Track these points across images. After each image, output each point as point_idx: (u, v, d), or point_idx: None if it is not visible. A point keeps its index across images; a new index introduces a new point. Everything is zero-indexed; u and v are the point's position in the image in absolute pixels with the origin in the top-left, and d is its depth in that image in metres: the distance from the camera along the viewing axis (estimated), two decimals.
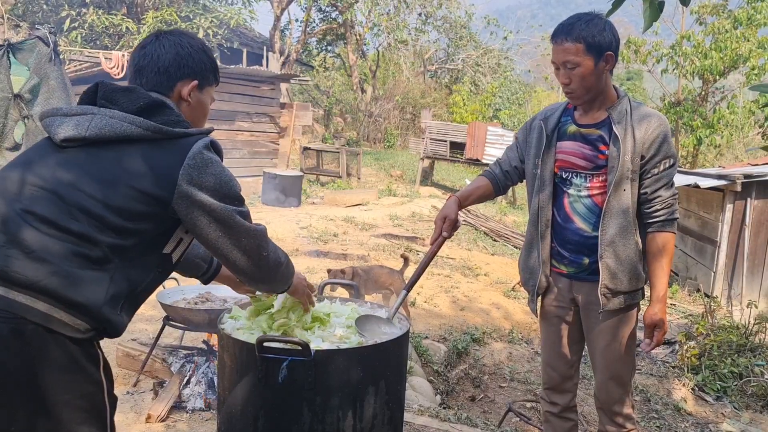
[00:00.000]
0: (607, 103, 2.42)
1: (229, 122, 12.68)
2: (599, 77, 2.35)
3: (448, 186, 18.52)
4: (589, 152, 2.43)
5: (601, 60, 2.32)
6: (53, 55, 5.26)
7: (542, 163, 2.52)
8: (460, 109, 24.15)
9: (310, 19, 23.26)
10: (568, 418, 2.71)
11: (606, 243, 2.40)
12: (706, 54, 16.65)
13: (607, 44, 2.31)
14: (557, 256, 2.55)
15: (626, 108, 2.39)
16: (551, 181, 2.52)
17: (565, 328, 2.62)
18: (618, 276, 2.41)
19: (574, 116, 2.50)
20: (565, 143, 2.49)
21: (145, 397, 3.54)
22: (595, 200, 2.44)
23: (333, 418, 1.97)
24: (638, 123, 2.36)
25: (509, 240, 10.81)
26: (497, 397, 5.25)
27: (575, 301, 2.57)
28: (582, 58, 2.29)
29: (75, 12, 15.32)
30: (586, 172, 2.44)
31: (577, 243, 2.48)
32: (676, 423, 4.98)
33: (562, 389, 2.69)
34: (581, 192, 2.46)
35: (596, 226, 2.42)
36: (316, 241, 8.77)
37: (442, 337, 5.93)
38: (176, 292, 3.54)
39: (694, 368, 5.90)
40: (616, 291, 2.42)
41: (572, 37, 2.29)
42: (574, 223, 2.48)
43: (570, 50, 2.29)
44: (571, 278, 2.55)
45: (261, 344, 1.91)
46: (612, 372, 2.52)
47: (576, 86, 2.35)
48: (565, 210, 2.50)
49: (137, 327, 4.75)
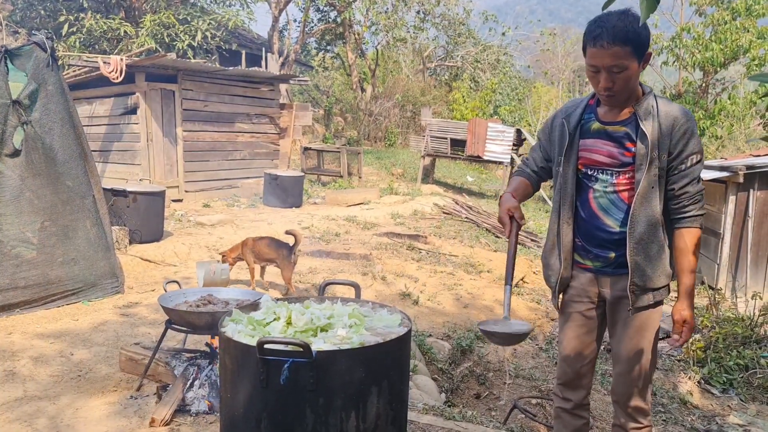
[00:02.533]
0: (633, 100, 2.38)
1: (230, 124, 12.67)
2: (638, 77, 2.31)
3: (450, 183, 18.50)
4: (614, 149, 2.40)
5: (643, 60, 2.27)
6: (51, 60, 5.25)
7: (565, 160, 2.49)
8: (460, 106, 24.13)
9: (308, 19, 23.24)
10: (580, 415, 2.69)
11: (635, 240, 2.38)
12: (707, 46, 16.61)
13: (647, 42, 2.26)
14: (581, 251, 2.53)
15: (652, 104, 2.35)
16: (574, 178, 2.49)
17: (584, 324, 2.60)
18: (647, 273, 2.39)
19: (598, 113, 2.46)
20: (588, 141, 2.46)
21: (149, 401, 3.53)
22: (622, 196, 2.42)
23: (336, 419, 1.96)
24: (665, 119, 2.32)
25: None
26: (502, 394, 5.24)
27: (599, 296, 2.55)
28: (630, 61, 2.23)
29: (73, 17, 15.30)
30: (612, 169, 2.42)
31: (602, 239, 2.46)
32: (683, 416, 4.96)
33: (576, 385, 2.66)
34: (607, 188, 2.43)
35: (623, 222, 2.41)
36: (318, 241, 8.76)
37: (446, 334, 5.92)
38: (178, 295, 3.53)
39: (699, 361, 5.88)
40: (645, 288, 2.41)
41: (620, 40, 2.19)
42: (599, 219, 2.46)
43: (618, 54, 2.21)
44: (595, 273, 2.52)
45: (262, 346, 1.90)
46: (634, 367, 2.50)
47: (619, 89, 2.29)
48: (590, 206, 2.48)
49: (140, 331, 4.75)
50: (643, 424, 2.54)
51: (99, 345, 4.43)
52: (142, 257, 7.14)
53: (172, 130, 11.63)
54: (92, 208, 5.52)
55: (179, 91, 11.60)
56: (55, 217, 5.24)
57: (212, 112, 12.27)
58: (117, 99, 11.57)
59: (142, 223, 7.71)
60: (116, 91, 11.36)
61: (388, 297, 6.39)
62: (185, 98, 11.72)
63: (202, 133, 12.12)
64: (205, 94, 12.07)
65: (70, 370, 3.99)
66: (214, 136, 12.38)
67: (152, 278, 6.49)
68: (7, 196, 5.01)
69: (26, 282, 5.06)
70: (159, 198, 8.05)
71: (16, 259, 5.03)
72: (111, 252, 5.69)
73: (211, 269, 6.08)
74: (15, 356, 4.14)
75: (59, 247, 5.26)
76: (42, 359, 4.12)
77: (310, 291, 6.19)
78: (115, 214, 7.39)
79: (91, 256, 5.47)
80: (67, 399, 3.58)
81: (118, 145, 11.71)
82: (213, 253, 7.65)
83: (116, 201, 7.56)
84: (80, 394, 3.64)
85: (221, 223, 9.47)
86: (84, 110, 11.62)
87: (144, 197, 7.80)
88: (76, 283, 5.36)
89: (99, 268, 5.56)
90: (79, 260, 5.38)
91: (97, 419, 3.34)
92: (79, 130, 5.48)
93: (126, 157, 11.58)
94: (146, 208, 7.79)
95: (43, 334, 4.61)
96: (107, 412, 3.41)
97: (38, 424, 3.27)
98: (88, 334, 4.64)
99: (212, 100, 12.23)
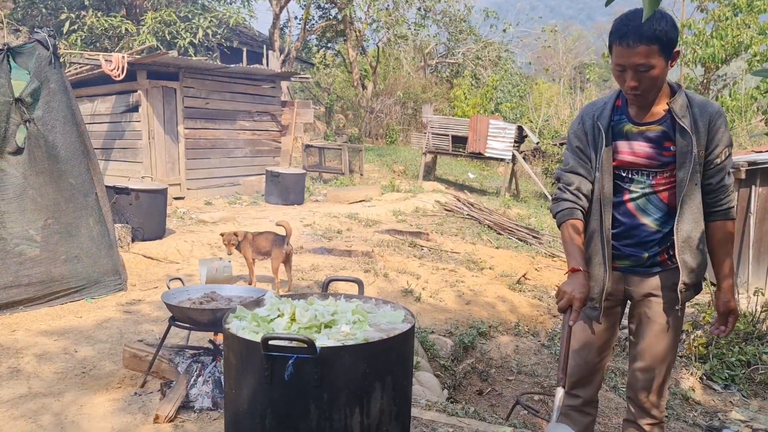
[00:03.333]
0: (664, 98, 2.35)
1: (231, 121, 12.69)
2: (666, 75, 2.28)
3: (451, 180, 18.50)
4: (651, 150, 2.37)
5: (671, 58, 2.24)
6: (53, 58, 5.25)
7: (600, 164, 2.44)
8: (462, 103, 24.10)
9: (309, 16, 23.21)
10: (587, 412, 2.68)
11: (682, 239, 2.37)
12: (708, 42, 16.58)
13: (676, 40, 2.22)
14: (614, 251, 2.50)
15: (685, 100, 2.33)
16: (611, 183, 2.44)
17: (604, 321, 2.58)
18: (695, 270, 2.41)
19: (629, 114, 2.41)
20: (621, 142, 2.41)
21: (153, 398, 3.54)
22: (661, 197, 2.40)
23: (340, 415, 1.97)
24: (700, 114, 2.31)
25: (513, 233, 10.79)
26: (505, 390, 5.25)
27: (624, 294, 2.54)
28: (657, 60, 2.19)
29: (74, 14, 15.31)
30: (649, 170, 2.39)
31: (638, 238, 2.44)
32: (685, 412, 4.97)
33: (587, 382, 2.66)
34: (645, 189, 2.41)
35: (662, 222, 2.40)
36: (320, 238, 8.77)
37: (448, 331, 5.93)
38: (181, 292, 3.54)
39: (701, 357, 5.88)
40: (692, 285, 2.43)
41: (647, 39, 2.14)
42: (637, 220, 2.43)
43: (644, 53, 2.16)
44: (624, 272, 2.51)
45: (266, 342, 1.91)
46: (658, 364, 2.50)
47: (646, 88, 2.26)
48: (626, 207, 2.45)
49: (144, 328, 4.76)
50: (657, 419, 2.55)
51: (103, 342, 4.45)
52: (145, 255, 7.15)
53: (174, 127, 11.64)
54: (95, 205, 5.53)
55: (181, 89, 11.61)
56: (58, 214, 5.26)
57: (214, 109, 12.28)
58: (119, 97, 11.58)
59: (144, 221, 7.72)
60: (118, 89, 11.38)
61: (390, 294, 6.40)
62: (187, 96, 11.73)
63: (203, 130, 12.14)
64: (206, 91, 12.08)
65: (74, 367, 4.01)
66: (215, 134, 12.39)
67: (155, 276, 6.51)
68: (10, 193, 5.03)
69: (29, 279, 5.07)
70: (161, 196, 8.07)
71: (20, 257, 5.05)
72: (114, 249, 5.71)
73: (214, 267, 6.09)
74: (19, 353, 4.16)
75: (62, 245, 5.27)
76: (46, 356, 4.14)
77: (313, 288, 6.20)
78: (118, 211, 7.40)
79: (94, 254, 5.49)
80: (72, 396, 3.59)
81: (120, 142, 11.72)
82: (215, 250, 7.66)
83: (118, 199, 7.57)
84: (84, 391, 3.66)
85: (223, 220, 9.49)
86: (86, 108, 11.64)
87: (146, 195, 7.81)
88: (79, 280, 5.38)
89: (102, 265, 5.57)
90: (82, 258, 5.40)
91: (101, 416, 3.35)
92: (81, 128, 5.49)
93: (128, 155, 11.60)
94: (148, 206, 7.80)
95: (47, 331, 4.62)
96: (111, 409, 3.43)
97: (43, 421, 3.29)
98: (92, 331, 4.66)
99: (214, 97, 12.24)
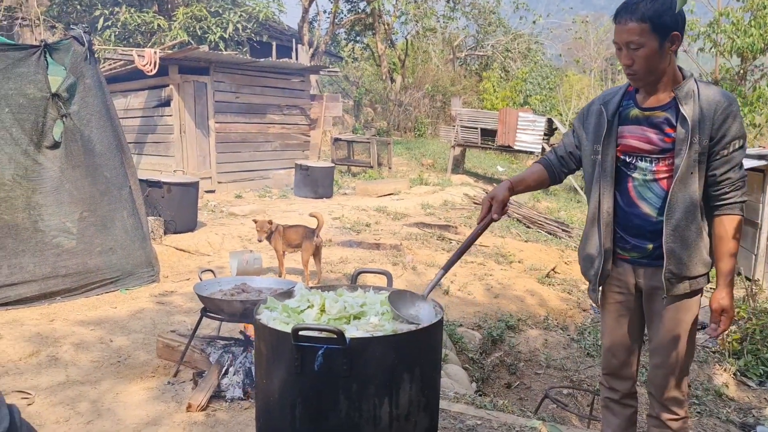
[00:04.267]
0: (672, 85, 2.34)
1: (261, 115, 12.79)
2: (663, 58, 2.27)
3: (480, 173, 18.40)
4: (654, 136, 2.36)
5: (667, 40, 2.24)
6: (88, 54, 5.36)
7: (603, 149, 2.45)
8: (491, 95, 23.93)
9: (337, 10, 23.23)
10: (627, 404, 2.67)
11: (671, 227, 2.34)
12: (746, 31, 16.16)
13: (673, 24, 2.22)
14: (619, 242, 2.49)
15: (693, 88, 2.31)
16: (613, 167, 2.45)
17: (626, 315, 2.57)
18: (683, 261, 2.35)
19: (637, 99, 2.42)
20: (627, 127, 2.42)
21: (185, 387, 3.62)
22: (662, 184, 2.37)
23: (369, 406, 1.99)
24: (706, 102, 2.28)
25: (542, 226, 10.71)
26: (533, 384, 5.23)
27: (637, 287, 2.52)
28: (646, 39, 2.21)
29: (108, 11, 15.59)
30: (652, 156, 2.38)
31: (641, 228, 2.42)
32: (718, 408, 4.90)
33: (621, 375, 2.64)
34: (647, 176, 2.39)
35: (662, 210, 2.36)
36: (349, 231, 8.82)
37: (477, 324, 5.92)
38: (213, 284, 3.60)
39: (735, 353, 5.79)
40: (681, 276, 2.37)
41: (637, 17, 2.20)
42: (638, 208, 2.42)
43: (634, 30, 2.21)
44: (633, 264, 2.49)
45: (296, 333, 1.94)
46: (671, 358, 2.46)
47: (639, 68, 2.27)
48: (629, 195, 2.44)
49: (176, 319, 4.85)
50: (680, 416, 2.51)
51: (137, 332, 4.55)
52: (177, 247, 7.27)
53: (205, 121, 11.78)
54: (129, 198, 5.64)
55: (211, 83, 11.74)
56: (93, 207, 5.38)
57: (244, 103, 12.39)
58: (151, 91, 11.76)
59: (176, 214, 7.85)
60: (150, 84, 11.55)
61: (418, 286, 6.41)
62: (217, 90, 11.85)
63: (233, 124, 12.26)
64: (236, 86, 12.19)
65: (109, 356, 4.11)
66: (245, 128, 12.51)
67: (186, 267, 6.62)
68: (48, 187, 5.16)
69: (66, 271, 5.20)
70: (192, 189, 8.19)
71: (57, 249, 5.17)
72: (147, 242, 5.82)
73: (244, 259, 6.18)
74: (57, 342, 4.27)
75: (98, 237, 5.39)
76: (83, 345, 4.24)
77: (342, 280, 6.25)
78: (151, 204, 7.53)
79: (128, 246, 5.60)
80: (108, 384, 3.68)
81: (152, 137, 11.91)
82: (246, 243, 7.75)
83: (151, 192, 7.71)
84: (120, 380, 3.75)
85: (253, 213, 9.59)
86: (119, 103, 11.84)
87: (178, 188, 7.94)
88: (114, 272, 5.50)
89: (136, 257, 5.68)
90: (116, 250, 5.51)
91: (136, 404, 3.43)
92: (115, 123, 5.60)
93: (160, 149, 11.78)
94: (180, 199, 7.93)
95: (84, 321, 4.74)
96: (146, 397, 3.51)
97: (80, 408, 3.38)
98: (126, 321, 4.77)
99: (244, 91, 12.35)
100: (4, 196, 4.97)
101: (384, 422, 2.02)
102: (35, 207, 5.10)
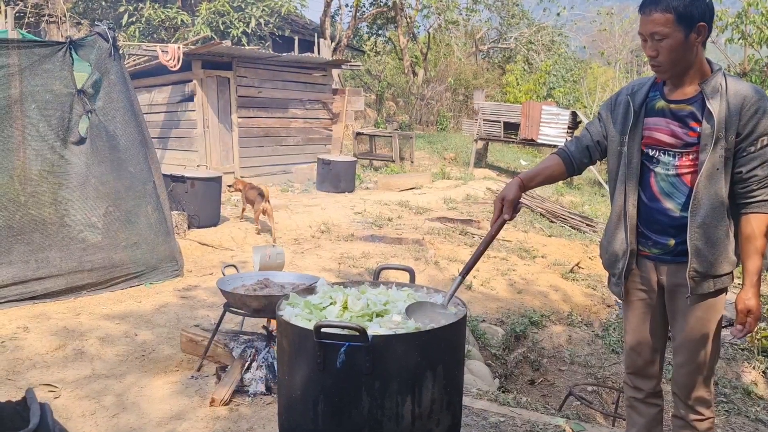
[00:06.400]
0: (699, 78, 2.28)
1: (283, 110, 12.82)
2: (689, 50, 2.22)
3: (503, 167, 18.28)
4: (678, 129, 2.31)
5: (693, 32, 2.18)
6: (113, 50, 5.41)
7: (629, 140, 2.41)
8: (514, 89, 23.73)
9: (359, 3, 23.20)
10: (653, 403, 2.62)
11: (696, 224, 2.28)
12: None
13: (699, 14, 2.17)
14: (641, 238, 2.45)
15: (720, 82, 2.25)
16: (639, 160, 2.40)
17: (648, 312, 2.52)
18: (708, 259, 2.29)
19: (664, 91, 2.37)
20: (652, 119, 2.37)
21: (209, 382, 3.64)
22: (684, 179, 2.32)
23: (392, 403, 1.98)
24: (734, 98, 2.22)
25: (566, 221, 10.60)
26: (557, 380, 5.19)
27: (659, 284, 2.47)
28: (671, 30, 2.16)
29: (132, 7, 15.73)
30: (675, 150, 2.32)
31: (663, 223, 2.37)
32: (746, 407, 4.81)
33: (645, 374, 2.60)
34: (669, 170, 2.34)
35: (684, 206, 2.31)
36: (371, 225, 8.81)
37: (500, 320, 5.88)
38: (236, 278, 3.61)
39: (765, 350, 5.68)
40: (706, 275, 2.31)
41: (662, 7, 2.16)
42: (660, 203, 2.37)
43: (658, 21, 2.16)
44: (655, 260, 2.44)
45: (319, 330, 1.93)
46: (695, 358, 2.41)
47: (663, 59, 2.23)
48: (651, 189, 2.39)
49: (199, 313, 4.89)
50: (706, 416, 2.45)
51: (161, 326, 4.59)
52: (200, 241, 7.33)
53: (228, 116, 11.85)
54: (153, 193, 5.69)
55: (234, 78, 11.79)
56: (118, 202, 5.43)
57: (266, 98, 12.43)
58: (174, 87, 11.84)
59: (199, 209, 7.91)
60: (174, 79, 11.63)
61: (441, 282, 6.38)
62: (240, 85, 11.90)
63: (256, 119, 12.31)
64: (259, 80, 12.24)
65: (134, 350, 4.15)
66: (268, 122, 12.55)
67: (210, 262, 6.67)
68: (74, 182, 5.22)
69: (92, 265, 5.27)
70: (216, 184, 8.24)
71: (83, 243, 5.24)
72: (171, 236, 5.87)
73: (267, 254, 6.17)
74: (83, 336, 4.33)
75: (122, 232, 5.45)
76: (108, 339, 4.30)
77: (364, 275, 6.24)
78: (174, 199, 7.60)
79: (152, 241, 5.65)
80: (133, 378, 3.72)
81: (176, 132, 12.00)
82: (269, 238, 7.79)
83: (175, 187, 7.77)
84: (144, 373, 3.79)
85: (275, 208, 9.60)
86: (143, 98, 11.94)
87: (201, 183, 7.99)
88: (138, 266, 5.55)
89: (160, 252, 5.74)
90: (141, 244, 5.57)
91: (160, 398, 3.46)
92: (140, 118, 5.65)
93: (183, 144, 11.87)
94: (204, 194, 7.98)
95: (109, 315, 4.80)
96: (170, 391, 3.54)
97: (105, 401, 3.42)
98: (151, 315, 4.81)
99: (266, 86, 12.39)
100: (32, 191, 5.04)
101: (406, 420, 2.01)
102: (62, 202, 5.17)
